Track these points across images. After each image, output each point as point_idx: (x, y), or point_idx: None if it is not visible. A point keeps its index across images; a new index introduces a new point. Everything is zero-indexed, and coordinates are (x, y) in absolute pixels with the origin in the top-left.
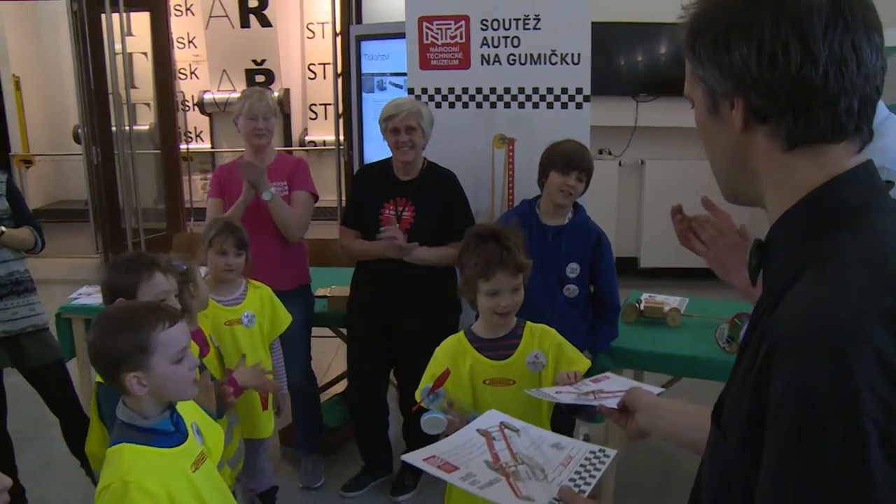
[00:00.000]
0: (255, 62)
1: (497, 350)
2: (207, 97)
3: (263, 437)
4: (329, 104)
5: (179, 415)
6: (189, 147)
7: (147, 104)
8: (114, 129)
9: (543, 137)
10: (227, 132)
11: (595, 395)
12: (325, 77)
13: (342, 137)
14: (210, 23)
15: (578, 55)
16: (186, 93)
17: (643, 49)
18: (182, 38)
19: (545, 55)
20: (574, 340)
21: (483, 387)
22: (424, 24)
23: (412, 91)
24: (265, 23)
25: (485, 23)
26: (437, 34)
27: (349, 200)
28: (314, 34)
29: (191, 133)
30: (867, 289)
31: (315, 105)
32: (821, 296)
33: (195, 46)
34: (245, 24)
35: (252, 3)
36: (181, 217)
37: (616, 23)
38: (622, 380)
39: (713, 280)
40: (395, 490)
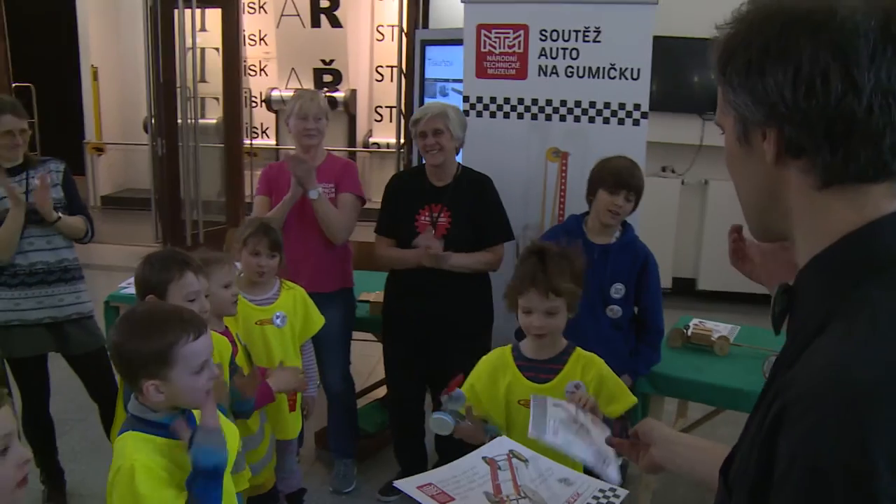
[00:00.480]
0: (324, 62)
1: (538, 372)
2: (275, 94)
3: (290, 439)
4: (394, 107)
5: (192, 413)
6: (253, 143)
7: (216, 98)
8: (179, 122)
9: (598, 153)
10: None
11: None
12: (392, 80)
13: (403, 140)
14: (281, 21)
15: (638, 70)
16: (255, 89)
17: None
18: (254, 36)
19: (604, 69)
20: (615, 363)
21: (518, 407)
22: (483, 32)
23: (467, 99)
24: (336, 23)
25: (544, 33)
26: (496, 42)
27: (383, 208)
28: (384, 36)
29: (256, 129)
30: (894, 352)
31: (381, 107)
32: (841, 355)
33: (266, 44)
34: (316, 24)
35: (323, 4)
36: (240, 211)
37: (684, 38)
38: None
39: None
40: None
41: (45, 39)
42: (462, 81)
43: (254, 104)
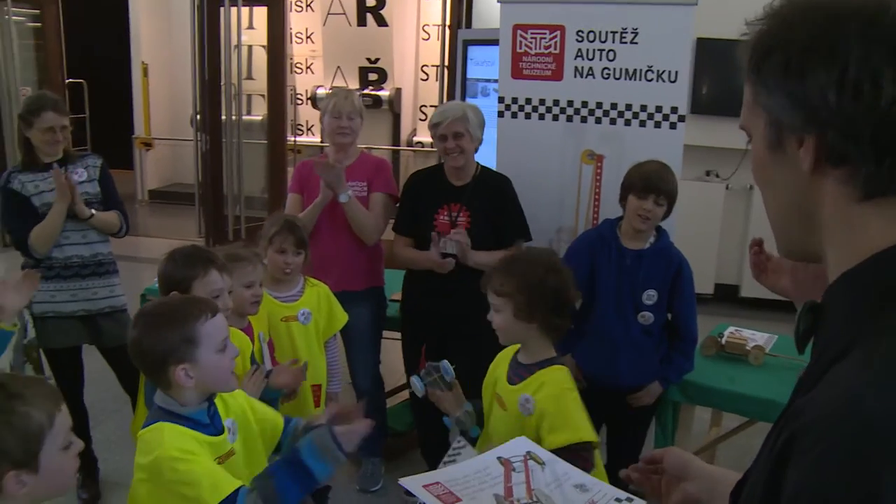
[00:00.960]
0: (370, 60)
1: (515, 374)
2: (320, 92)
3: None
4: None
5: (216, 409)
6: (297, 140)
7: (263, 95)
8: (223, 118)
9: (634, 156)
10: None
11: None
12: (437, 79)
13: None
14: (328, 20)
15: (676, 73)
16: (301, 87)
17: None
18: (300, 34)
19: (641, 71)
20: (645, 370)
21: (494, 399)
22: (518, 32)
23: (502, 100)
24: (381, 22)
25: (580, 34)
26: (532, 43)
27: (401, 207)
28: (429, 36)
29: (301, 126)
30: None
31: (425, 106)
32: (857, 384)
33: (312, 42)
34: (362, 23)
35: (370, 3)
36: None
37: (729, 40)
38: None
39: None
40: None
41: (98, 37)
42: None
43: (299, 101)
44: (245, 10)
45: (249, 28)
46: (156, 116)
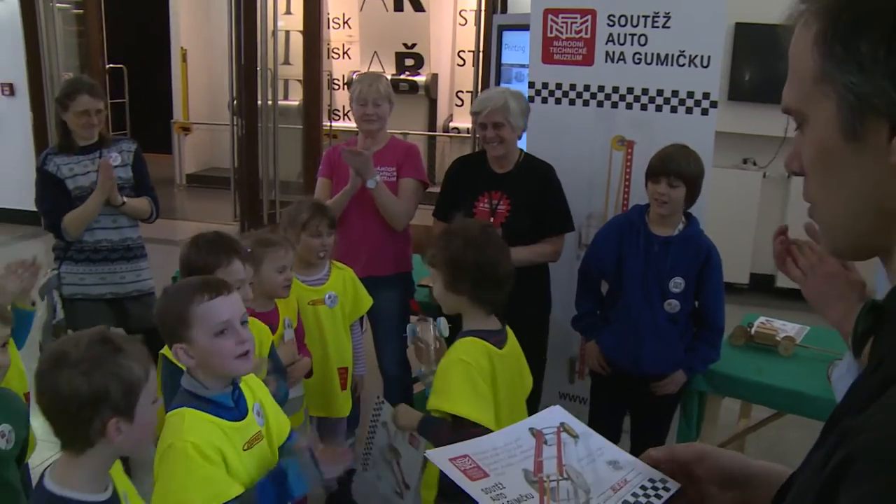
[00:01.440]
0: (406, 46)
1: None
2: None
3: (340, 417)
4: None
5: (242, 392)
6: (334, 125)
7: (299, 80)
8: (259, 104)
9: (664, 142)
10: None
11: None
12: (473, 64)
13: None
14: (365, 5)
15: (709, 58)
16: (338, 72)
17: None
18: (338, 19)
19: (673, 56)
20: (669, 358)
21: None
22: (549, 17)
23: (532, 85)
24: (418, 7)
25: (612, 18)
26: (563, 27)
27: (442, 192)
28: (466, 21)
29: (338, 111)
30: None
31: (462, 92)
32: None
33: (350, 27)
34: (399, 8)
35: None
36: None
37: (766, 25)
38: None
39: None
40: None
41: (138, 23)
42: None
43: (336, 87)
44: None
45: (287, 13)
46: (194, 101)
